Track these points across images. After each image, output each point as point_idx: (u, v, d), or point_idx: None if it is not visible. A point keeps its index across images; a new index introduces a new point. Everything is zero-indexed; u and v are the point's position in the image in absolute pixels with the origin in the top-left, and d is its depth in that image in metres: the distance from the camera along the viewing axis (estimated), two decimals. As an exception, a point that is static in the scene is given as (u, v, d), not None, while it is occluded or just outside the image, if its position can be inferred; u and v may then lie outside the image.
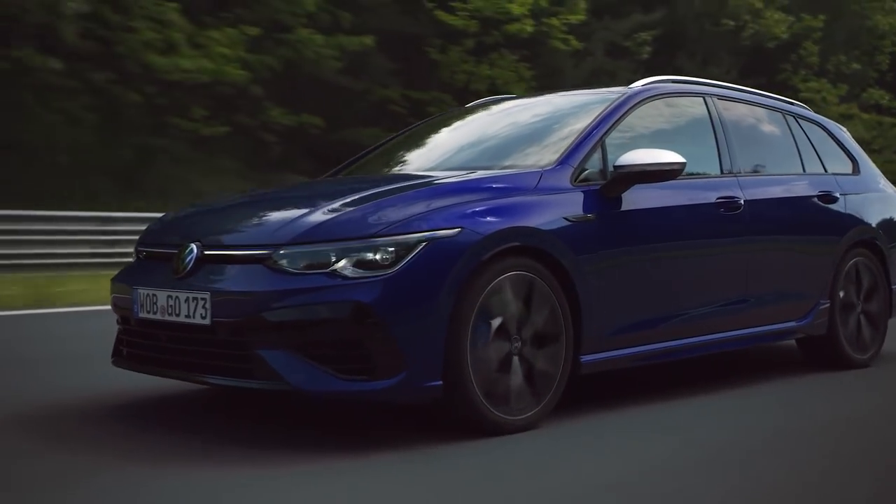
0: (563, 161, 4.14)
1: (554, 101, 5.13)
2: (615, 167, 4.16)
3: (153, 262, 4.00)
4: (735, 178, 4.87)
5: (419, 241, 3.51)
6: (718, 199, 4.68)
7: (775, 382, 4.97)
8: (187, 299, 3.61)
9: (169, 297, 3.68)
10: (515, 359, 3.73)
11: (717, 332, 4.65)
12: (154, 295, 3.75)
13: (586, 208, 4.05)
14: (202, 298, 3.56)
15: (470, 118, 5.32)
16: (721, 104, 5.09)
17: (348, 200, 3.75)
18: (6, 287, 9.74)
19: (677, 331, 4.42)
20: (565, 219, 3.94)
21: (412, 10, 22.16)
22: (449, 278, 3.52)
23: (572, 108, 4.75)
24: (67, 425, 3.84)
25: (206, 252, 3.69)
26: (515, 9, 22.33)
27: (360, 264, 3.46)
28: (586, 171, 4.17)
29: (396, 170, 4.90)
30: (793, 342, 5.46)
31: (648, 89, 4.72)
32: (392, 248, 3.49)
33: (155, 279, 3.82)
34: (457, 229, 3.59)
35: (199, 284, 3.63)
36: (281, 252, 3.49)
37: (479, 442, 3.56)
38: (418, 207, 3.64)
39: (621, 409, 4.20)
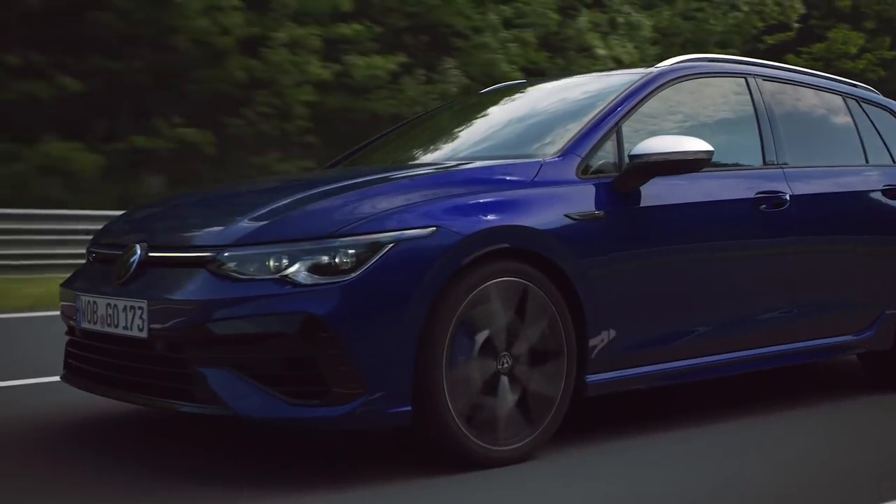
0: (569, 150, 3.58)
1: (579, 83, 4.55)
2: (630, 157, 3.59)
3: (101, 266, 3.56)
4: (780, 170, 4.23)
5: (385, 243, 3.00)
6: (759, 193, 4.05)
7: (824, 406, 4.31)
8: (125, 308, 3.17)
9: (108, 305, 3.24)
10: (504, 379, 3.19)
11: (755, 347, 4.01)
12: (94, 303, 3.31)
13: (594, 204, 3.48)
14: (139, 308, 3.11)
15: (485, 105, 4.78)
16: (767, 86, 4.43)
17: (307, 195, 3.26)
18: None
19: (704, 346, 3.81)
20: (567, 216, 3.39)
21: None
22: (420, 286, 3.00)
23: (597, 91, 4.16)
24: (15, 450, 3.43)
25: (151, 254, 3.24)
26: None
27: (316, 269, 2.96)
28: (596, 162, 3.60)
29: (394, 160, 4.38)
30: (851, 359, 4.79)
31: (678, 69, 4.11)
32: (352, 251, 2.98)
33: (98, 285, 3.39)
34: (430, 228, 3.07)
35: (137, 291, 3.17)
36: (225, 254, 3.02)
37: (463, 476, 3.04)
38: (387, 203, 3.13)
39: (633, 436, 3.62)
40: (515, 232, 3.24)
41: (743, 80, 4.37)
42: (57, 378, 3.71)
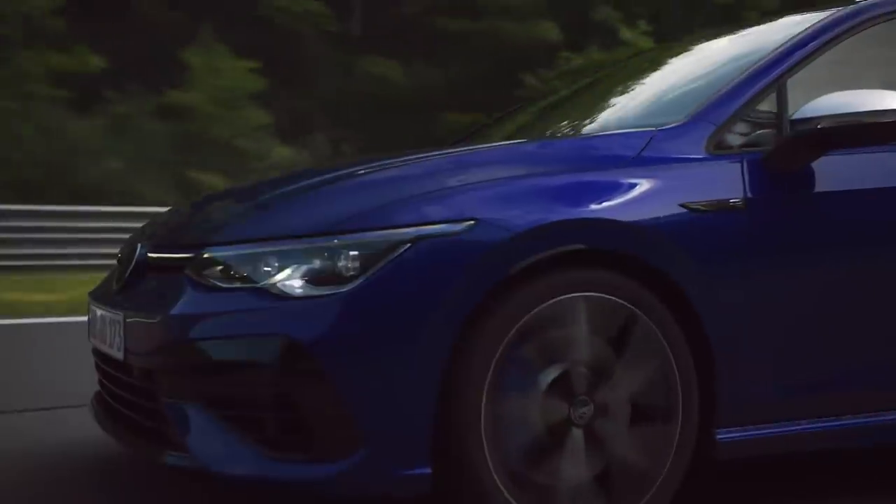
0: (699, 117, 2.58)
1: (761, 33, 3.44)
2: (792, 122, 2.54)
3: (118, 270, 2.99)
4: None
5: (398, 241, 2.19)
6: None
7: None
8: (110, 322, 2.57)
9: (102, 317, 2.66)
10: (577, 434, 2.28)
11: None
12: (96, 314, 2.75)
13: (730, 189, 2.47)
14: (118, 322, 2.50)
15: (632, 71, 3.77)
16: None
17: (314, 182, 2.52)
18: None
19: (893, 396, 2.65)
20: (686, 206, 2.41)
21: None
22: (446, 300, 2.16)
23: (766, 42, 3.08)
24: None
25: (151, 255, 2.62)
26: None
27: (312, 276, 2.21)
28: (741, 132, 2.58)
29: (503, 138, 3.49)
30: None
31: (877, 4, 2.95)
32: (355, 252, 2.19)
33: (106, 293, 2.82)
34: (466, 223, 2.22)
35: (121, 301, 2.57)
36: (205, 256, 2.33)
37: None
38: (412, 189, 2.31)
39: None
40: (595, 228, 2.31)
41: None
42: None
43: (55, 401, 3.93)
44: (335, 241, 2.20)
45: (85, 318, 2.89)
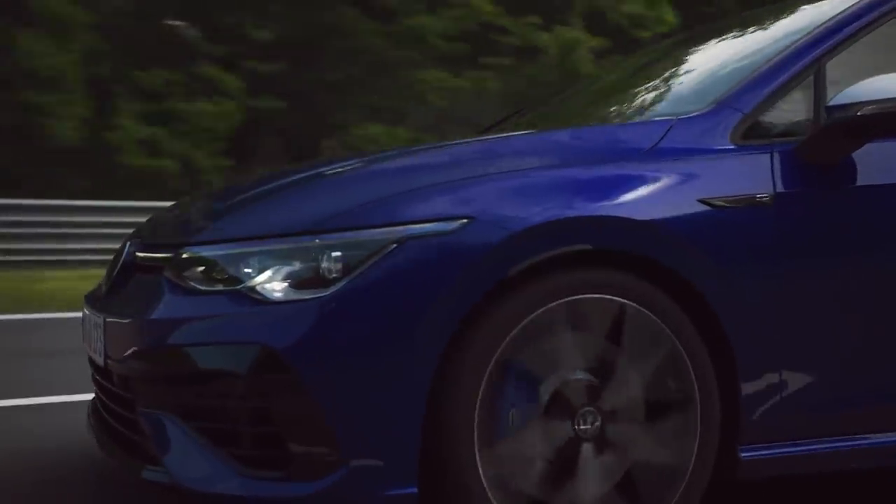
0: (724, 104, 2.35)
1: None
2: (829, 109, 2.30)
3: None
4: None
5: (384, 242, 2.01)
6: None
7: None
8: (93, 325, 2.45)
9: (88, 320, 2.54)
10: (587, 448, 2.08)
11: None
12: (86, 316, 2.62)
13: (757, 182, 2.24)
14: (99, 325, 2.37)
15: (683, 51, 3.50)
16: None
17: (300, 178, 2.36)
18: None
19: None
20: (705, 203, 2.19)
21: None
22: (436, 306, 1.98)
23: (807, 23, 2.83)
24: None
25: (137, 255, 2.49)
26: None
27: (295, 278, 2.04)
28: (773, 121, 2.35)
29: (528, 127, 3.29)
30: None
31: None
32: (338, 253, 2.02)
33: (98, 294, 2.69)
34: (459, 221, 2.03)
35: (104, 304, 2.44)
36: (183, 256, 2.18)
37: None
38: (400, 185, 2.13)
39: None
40: (602, 226, 2.10)
41: None
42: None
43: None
44: (316, 241, 2.03)
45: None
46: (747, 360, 2.17)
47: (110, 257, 2.76)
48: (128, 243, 2.56)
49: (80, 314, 2.70)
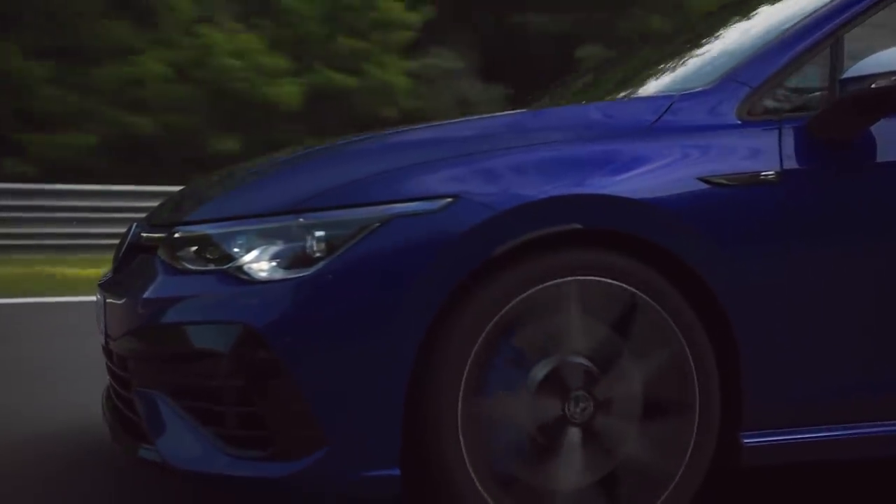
0: (730, 79, 2.26)
1: None
2: (842, 82, 2.19)
3: None
4: None
5: (368, 221, 1.99)
6: None
7: None
8: (99, 305, 2.48)
9: (97, 300, 2.57)
10: (574, 433, 2.03)
11: None
12: (97, 298, 2.65)
13: (764, 159, 2.15)
14: (101, 305, 2.41)
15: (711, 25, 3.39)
16: None
17: (291, 157, 2.34)
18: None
19: None
20: (705, 181, 2.11)
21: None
22: (419, 285, 1.95)
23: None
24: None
25: (142, 236, 2.50)
26: None
27: (280, 258, 2.03)
28: (784, 97, 2.25)
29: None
30: None
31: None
32: (321, 232, 2.00)
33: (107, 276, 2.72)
34: (444, 199, 1.99)
35: (109, 284, 2.47)
36: (175, 235, 2.18)
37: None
38: (385, 164, 2.09)
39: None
40: (595, 205, 2.04)
41: None
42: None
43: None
44: (300, 219, 2.02)
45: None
46: (750, 344, 2.08)
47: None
48: (134, 224, 2.58)
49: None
